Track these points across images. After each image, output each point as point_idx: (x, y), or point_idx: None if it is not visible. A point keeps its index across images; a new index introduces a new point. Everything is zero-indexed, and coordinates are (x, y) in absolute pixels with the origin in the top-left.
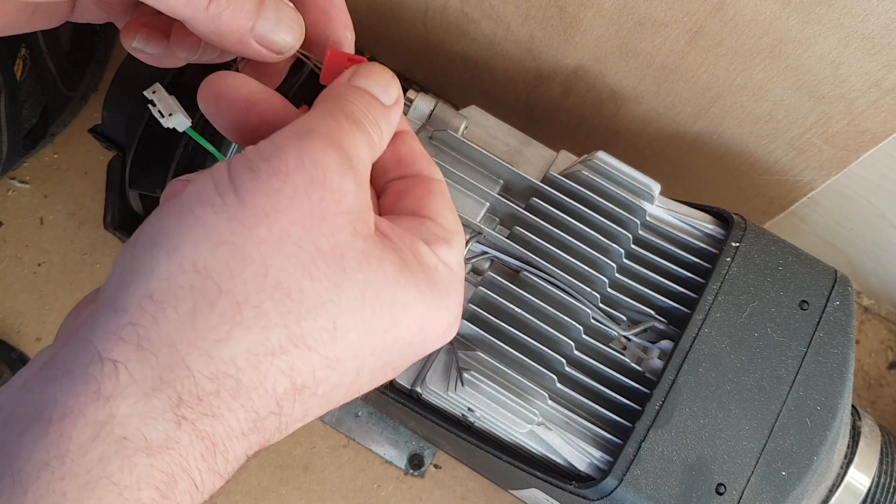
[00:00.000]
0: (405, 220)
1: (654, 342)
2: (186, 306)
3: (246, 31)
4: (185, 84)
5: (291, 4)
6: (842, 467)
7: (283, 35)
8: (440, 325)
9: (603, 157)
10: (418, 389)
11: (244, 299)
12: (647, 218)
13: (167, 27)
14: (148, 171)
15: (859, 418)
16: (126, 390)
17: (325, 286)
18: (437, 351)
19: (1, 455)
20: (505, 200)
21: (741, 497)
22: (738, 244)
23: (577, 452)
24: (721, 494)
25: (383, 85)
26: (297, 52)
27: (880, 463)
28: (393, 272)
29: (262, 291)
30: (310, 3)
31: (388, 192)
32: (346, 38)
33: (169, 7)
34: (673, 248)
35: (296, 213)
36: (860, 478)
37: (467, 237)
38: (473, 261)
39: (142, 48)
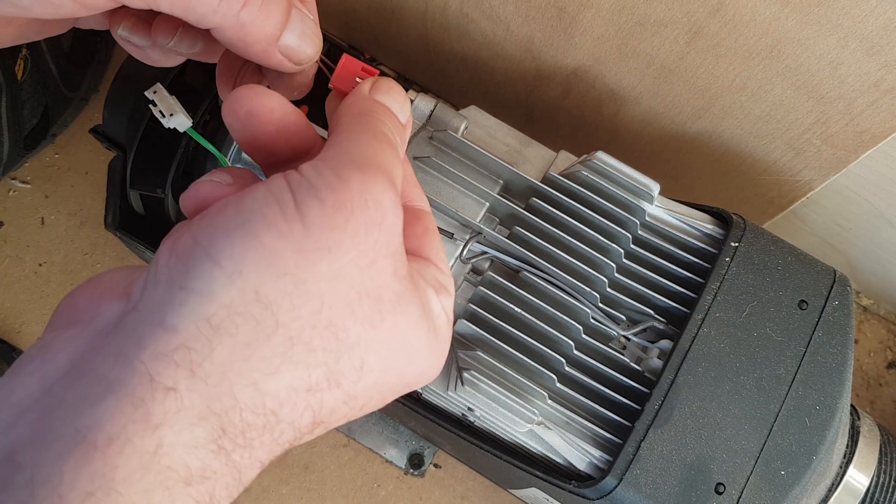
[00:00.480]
0: (411, 261)
1: (653, 342)
2: (244, 336)
3: (273, 40)
4: (185, 84)
5: (314, 17)
6: (841, 467)
7: (305, 47)
8: (435, 371)
9: (602, 158)
10: (418, 389)
11: (298, 334)
12: (647, 218)
13: (154, 18)
14: (149, 172)
15: (858, 418)
16: (174, 417)
17: (363, 326)
18: None
19: (39, 478)
20: (505, 200)
21: (740, 496)
22: (737, 244)
23: (576, 452)
24: (720, 494)
25: (401, 103)
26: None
27: (879, 462)
28: (415, 317)
29: (315, 328)
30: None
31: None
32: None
33: (197, 16)
34: (672, 248)
35: (353, 253)
36: (859, 477)
37: (467, 237)
38: (473, 261)
39: (127, 37)
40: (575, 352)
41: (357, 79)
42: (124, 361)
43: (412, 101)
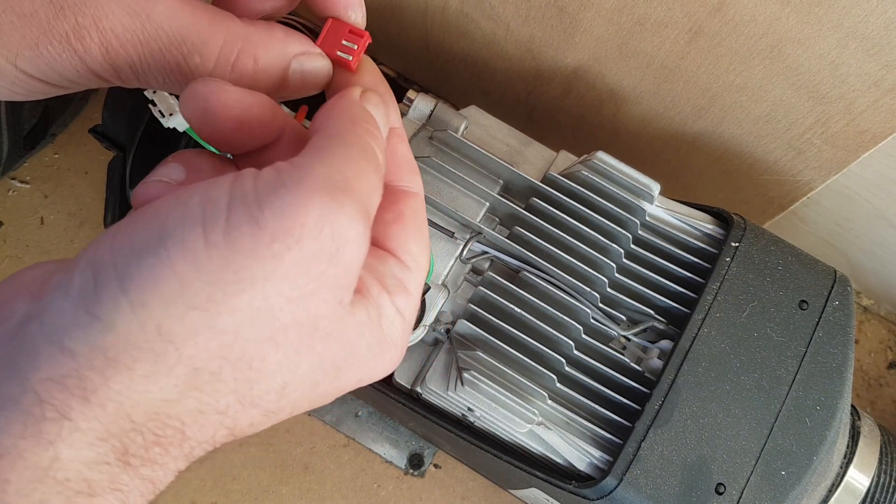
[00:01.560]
0: (371, 258)
1: (653, 342)
2: (143, 369)
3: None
4: None
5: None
6: (841, 467)
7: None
8: (382, 372)
9: (603, 157)
10: (418, 389)
11: (204, 365)
12: (647, 218)
13: None
14: (148, 171)
15: (859, 418)
16: (70, 437)
17: (287, 354)
18: (438, 351)
19: None
20: (505, 200)
21: (741, 496)
22: (737, 244)
23: (576, 452)
24: (721, 494)
25: (383, 119)
26: (287, 17)
27: (880, 463)
28: (355, 336)
29: (224, 360)
30: None
31: (384, 208)
32: (349, 17)
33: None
34: (672, 248)
35: (286, 285)
36: (859, 477)
37: (467, 237)
38: (473, 261)
39: None
40: (575, 352)
41: (343, 41)
42: (16, 378)
43: (412, 101)
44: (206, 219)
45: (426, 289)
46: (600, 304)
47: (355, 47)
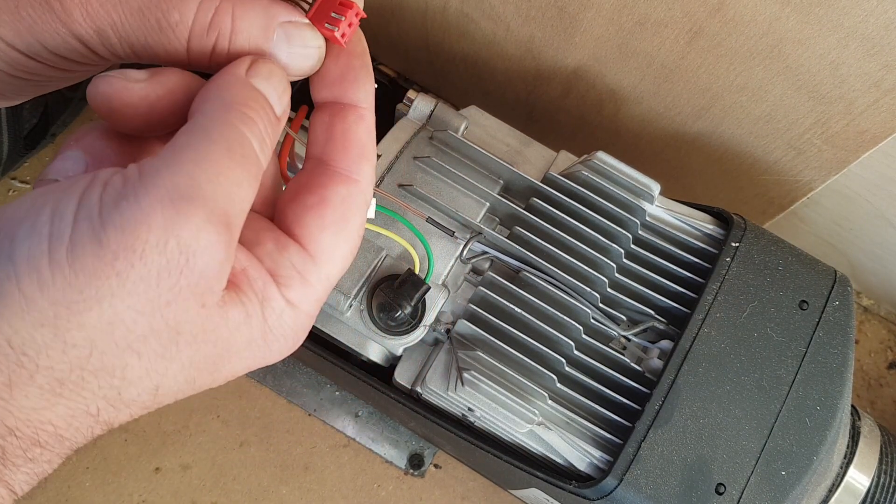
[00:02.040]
0: (271, 245)
1: (653, 342)
2: (2, 378)
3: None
4: None
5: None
6: (841, 467)
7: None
8: (268, 362)
9: (603, 157)
10: (418, 389)
11: (66, 376)
12: (647, 218)
13: None
14: None
15: (859, 418)
16: None
17: (152, 360)
18: (438, 351)
19: None
20: (505, 200)
21: (741, 497)
22: (737, 244)
23: (577, 452)
24: (721, 494)
25: (280, 92)
26: None
27: (880, 463)
28: (228, 334)
29: (83, 369)
30: None
31: (293, 182)
32: None
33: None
34: (673, 248)
35: (136, 299)
36: (860, 478)
37: (467, 237)
38: (474, 261)
39: None
40: (575, 352)
41: (333, 13)
42: None
43: (412, 101)
44: (52, 235)
45: (426, 289)
46: (600, 304)
47: (342, 18)
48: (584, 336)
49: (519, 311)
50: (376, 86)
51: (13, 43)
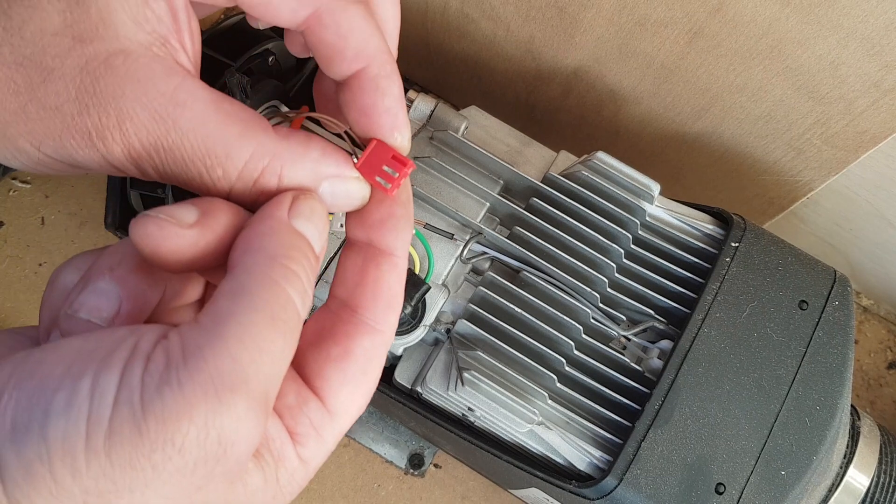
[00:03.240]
0: (292, 398)
1: (653, 342)
2: None
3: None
4: None
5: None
6: (841, 467)
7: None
8: None
9: (603, 158)
10: (418, 389)
11: None
12: (647, 218)
13: None
14: None
15: (858, 418)
16: None
17: None
18: (438, 351)
19: None
20: (505, 200)
21: (741, 496)
22: (737, 244)
23: (576, 452)
24: (721, 494)
25: (321, 230)
26: (335, 123)
27: (879, 463)
28: (245, 500)
29: None
30: (352, 100)
31: (314, 321)
32: (395, 139)
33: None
34: (672, 249)
35: (169, 489)
36: (859, 477)
37: (467, 237)
38: (474, 261)
39: None
40: (575, 352)
41: (385, 167)
42: None
43: (412, 101)
44: (91, 417)
45: (426, 289)
46: (600, 304)
47: (396, 175)
48: (584, 336)
49: (519, 310)
50: None
51: (53, 156)
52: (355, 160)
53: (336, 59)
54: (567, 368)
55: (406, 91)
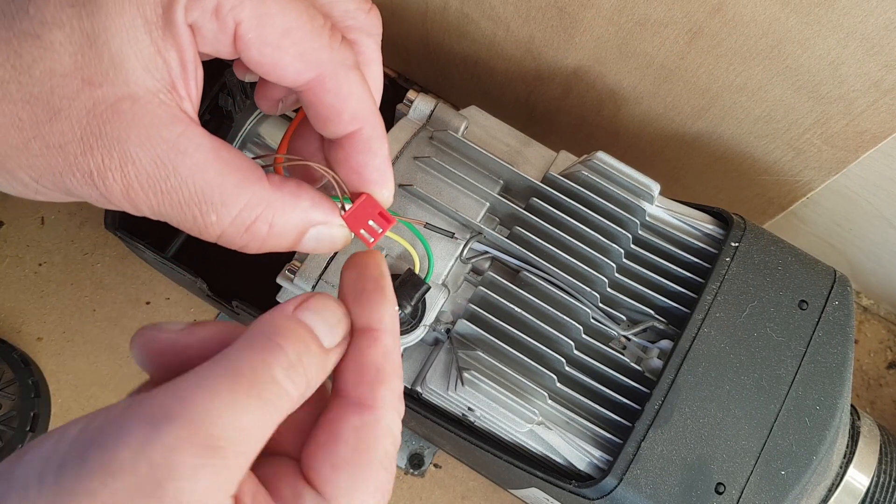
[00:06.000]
0: (288, 491)
1: (653, 342)
2: None
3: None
4: None
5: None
6: (841, 467)
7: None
8: None
9: (603, 158)
10: (418, 389)
11: None
12: (647, 218)
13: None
14: None
15: (858, 418)
16: None
17: None
18: (438, 351)
19: None
20: (505, 200)
21: (740, 496)
22: (737, 244)
23: (576, 452)
24: (720, 494)
25: (331, 325)
26: (326, 172)
27: (879, 462)
28: None
29: None
30: (344, 158)
31: (320, 425)
32: (382, 196)
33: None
34: (672, 248)
35: None
36: (859, 477)
37: (467, 237)
38: (474, 260)
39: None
40: (575, 352)
41: (370, 221)
42: None
43: (412, 101)
44: (49, 457)
45: (426, 289)
46: (600, 304)
47: (380, 231)
48: (583, 336)
49: (519, 310)
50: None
51: (52, 189)
52: (342, 211)
53: (333, 121)
54: (567, 368)
55: (406, 91)
